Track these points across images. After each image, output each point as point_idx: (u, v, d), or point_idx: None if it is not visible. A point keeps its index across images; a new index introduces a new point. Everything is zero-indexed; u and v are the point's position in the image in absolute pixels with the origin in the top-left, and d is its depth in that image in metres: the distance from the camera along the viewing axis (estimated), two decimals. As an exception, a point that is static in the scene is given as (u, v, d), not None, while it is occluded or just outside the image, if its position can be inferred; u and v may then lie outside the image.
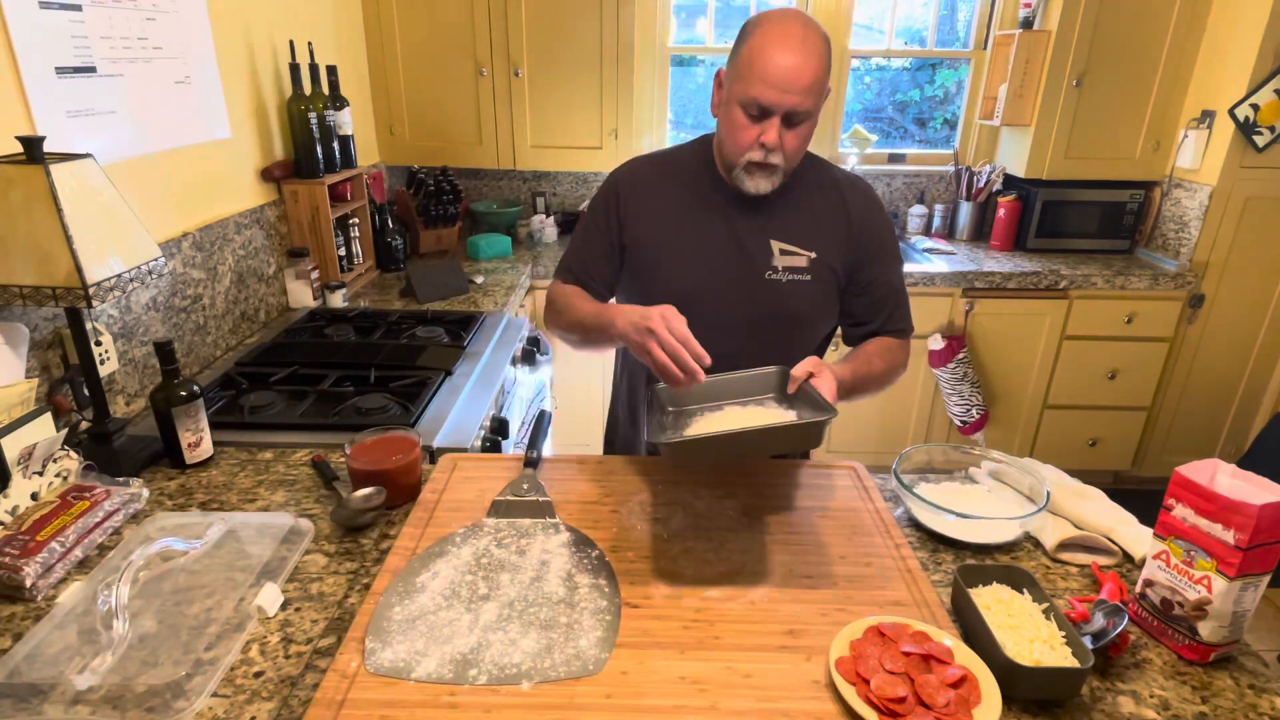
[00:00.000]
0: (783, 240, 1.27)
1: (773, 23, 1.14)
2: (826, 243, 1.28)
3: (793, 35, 1.12)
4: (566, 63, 2.71)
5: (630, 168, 1.35)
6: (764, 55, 1.12)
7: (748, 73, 1.13)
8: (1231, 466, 0.86)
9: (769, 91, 1.12)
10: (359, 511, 1.10)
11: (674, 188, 1.31)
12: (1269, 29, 2.49)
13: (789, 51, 1.11)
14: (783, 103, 1.12)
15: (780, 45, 1.12)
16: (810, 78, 1.12)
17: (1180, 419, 3.00)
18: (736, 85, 1.16)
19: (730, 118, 1.18)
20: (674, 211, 1.29)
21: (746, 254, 1.26)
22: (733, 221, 1.27)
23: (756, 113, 1.15)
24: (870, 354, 1.29)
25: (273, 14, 2.07)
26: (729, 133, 1.20)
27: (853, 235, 1.29)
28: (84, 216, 1.13)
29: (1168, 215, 2.92)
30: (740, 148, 1.18)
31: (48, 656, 0.84)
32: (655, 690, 0.80)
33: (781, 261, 1.26)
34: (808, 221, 1.28)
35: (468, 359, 1.81)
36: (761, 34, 1.14)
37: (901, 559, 1.02)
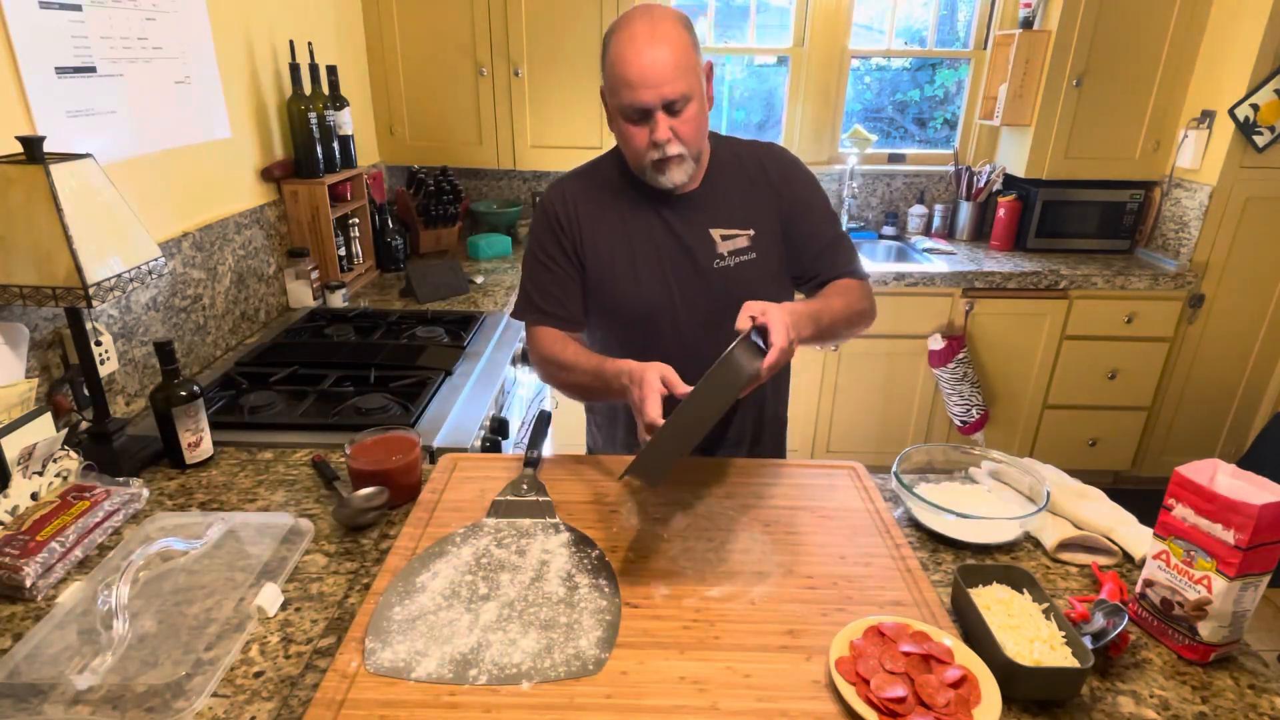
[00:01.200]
0: (720, 226, 1.28)
1: (621, 27, 1.16)
2: (760, 215, 1.29)
3: (639, 33, 1.14)
4: (566, 63, 2.71)
5: (557, 189, 1.33)
6: (621, 62, 1.14)
7: (614, 82, 1.16)
8: (1231, 466, 0.86)
9: (637, 93, 1.14)
10: (361, 511, 1.10)
11: (606, 200, 1.31)
12: (1269, 29, 2.49)
13: (640, 49, 1.13)
14: (654, 98, 1.14)
15: (630, 46, 1.13)
16: (669, 65, 1.13)
17: (1180, 419, 3.00)
18: (611, 98, 1.19)
19: (619, 129, 1.21)
20: (613, 224, 1.29)
21: (690, 250, 1.27)
22: (669, 221, 1.28)
23: (637, 116, 1.17)
24: (827, 293, 1.29)
25: (273, 14, 2.08)
26: (623, 142, 1.22)
27: (779, 197, 1.30)
28: (84, 216, 1.13)
29: (1168, 215, 2.92)
30: (639, 152, 1.20)
31: (48, 656, 0.84)
32: (655, 690, 0.80)
33: (724, 247, 1.28)
34: (737, 201, 1.29)
35: (468, 359, 1.81)
36: (615, 42, 1.16)
37: (901, 559, 1.02)
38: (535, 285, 1.32)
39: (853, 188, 3.19)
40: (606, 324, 1.34)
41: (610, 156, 1.34)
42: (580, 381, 1.23)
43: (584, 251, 1.29)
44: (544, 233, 1.32)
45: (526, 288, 1.34)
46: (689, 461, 1.27)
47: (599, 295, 1.31)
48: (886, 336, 2.81)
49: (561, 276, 1.30)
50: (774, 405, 1.43)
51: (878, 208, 3.29)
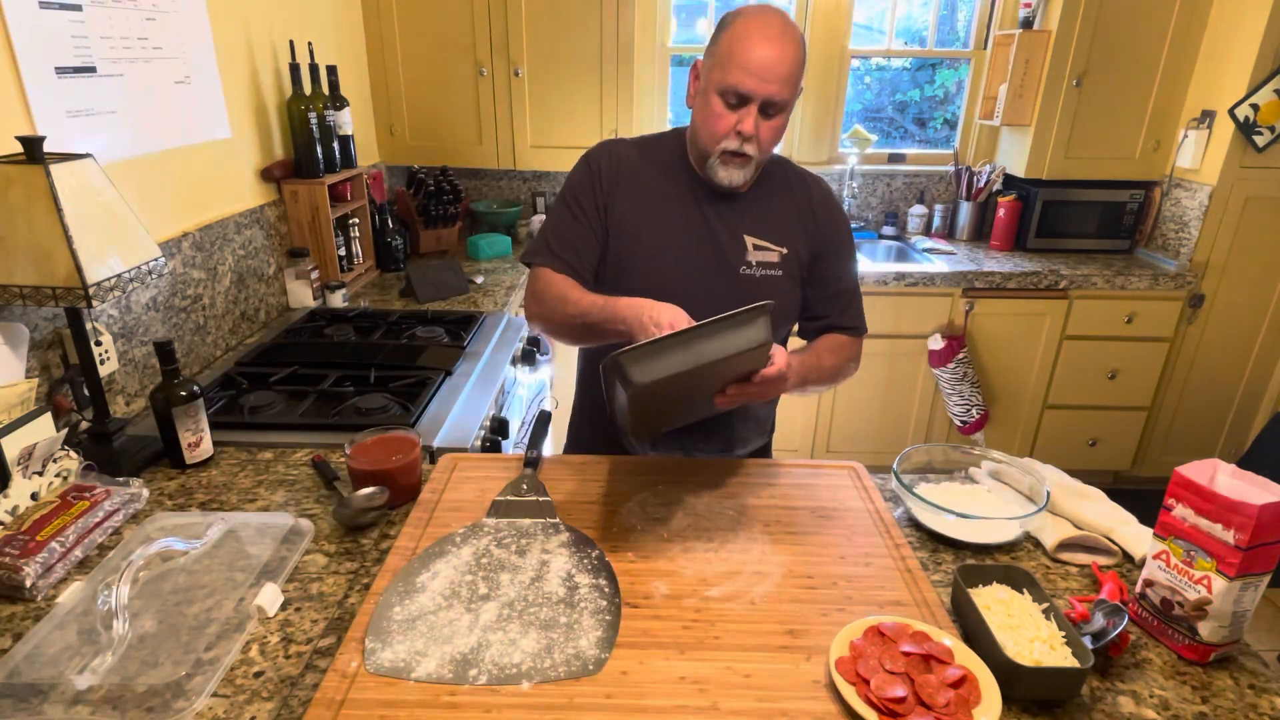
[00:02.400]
0: (755, 235, 1.28)
1: (753, 15, 1.16)
2: (795, 239, 1.30)
3: (772, 26, 1.14)
4: (566, 63, 2.71)
5: (610, 149, 1.32)
6: (744, 44, 1.14)
7: (727, 61, 1.15)
8: (1231, 466, 0.86)
9: (748, 79, 1.13)
10: (361, 510, 1.10)
11: (653, 174, 1.30)
12: (1269, 29, 2.49)
13: (769, 41, 1.13)
14: (761, 91, 1.14)
15: (760, 35, 1.14)
16: (788, 67, 1.14)
17: (1180, 419, 3.00)
18: (715, 73, 1.17)
19: (707, 106, 1.19)
20: (653, 199, 1.28)
21: (721, 248, 1.27)
22: (708, 215, 1.28)
23: (735, 101, 1.16)
24: (820, 349, 1.31)
25: (273, 14, 2.07)
26: (705, 121, 1.20)
27: (816, 230, 1.31)
28: (84, 216, 1.13)
29: (1168, 215, 2.92)
30: (716, 136, 1.19)
31: (48, 656, 0.84)
32: (655, 690, 0.80)
33: (755, 256, 1.28)
34: (778, 218, 1.30)
35: (468, 359, 1.81)
36: (742, 24, 1.16)
37: (901, 559, 1.02)
38: (555, 232, 1.29)
39: (853, 188, 3.19)
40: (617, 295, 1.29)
41: (670, 138, 1.33)
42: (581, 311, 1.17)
43: (612, 216, 1.27)
44: (581, 183, 1.30)
45: (545, 233, 1.31)
46: (689, 461, 1.28)
47: (615, 266, 1.28)
48: (886, 336, 2.81)
49: (585, 230, 1.28)
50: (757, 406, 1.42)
51: (878, 208, 3.29)
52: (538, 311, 1.28)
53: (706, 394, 1.05)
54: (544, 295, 1.25)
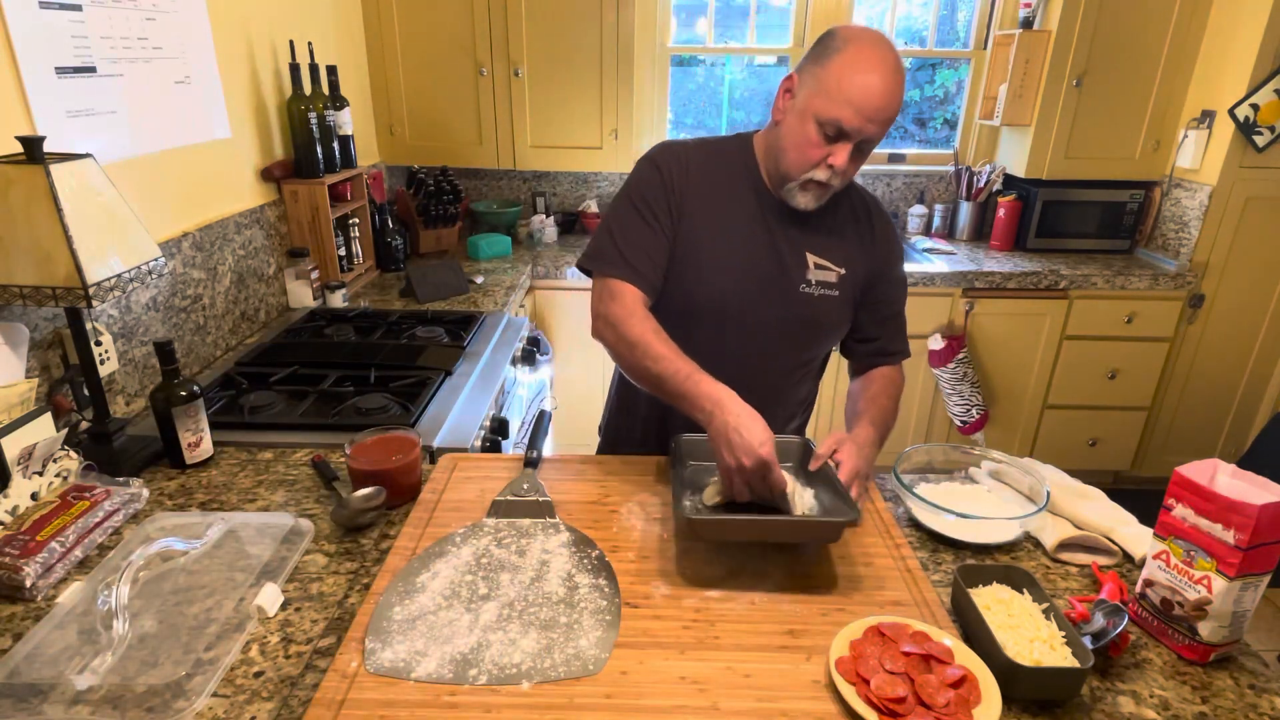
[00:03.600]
0: (818, 255, 1.26)
1: (865, 44, 1.10)
2: (854, 260, 1.28)
3: (886, 62, 1.09)
4: (566, 63, 2.71)
5: (677, 151, 1.26)
6: (855, 78, 1.08)
7: (834, 91, 1.09)
8: (1231, 466, 0.86)
9: (855, 117, 1.09)
10: (360, 511, 1.10)
11: (720, 181, 1.25)
12: (1269, 29, 2.49)
13: (882, 77, 1.08)
14: (864, 130, 1.10)
15: (873, 70, 1.08)
16: (894, 108, 1.11)
17: (1180, 419, 3.00)
18: (817, 100, 1.11)
19: (801, 131, 1.14)
20: (719, 207, 1.24)
21: (784, 264, 1.24)
22: (773, 229, 1.24)
23: (833, 133, 1.11)
24: (877, 395, 1.30)
25: (273, 14, 2.07)
26: (795, 145, 1.15)
27: (875, 253, 1.30)
28: (84, 216, 1.13)
29: (1168, 215, 2.92)
30: (806, 164, 1.15)
31: (48, 656, 0.84)
32: (655, 690, 0.80)
33: (815, 275, 1.25)
34: (840, 238, 1.28)
35: (468, 359, 1.81)
36: (854, 52, 1.09)
37: (901, 559, 1.02)
38: (625, 237, 1.22)
39: (853, 188, 3.18)
40: (674, 302, 1.26)
41: (737, 144, 1.28)
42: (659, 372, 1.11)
43: (682, 221, 1.23)
44: (651, 186, 1.23)
45: (611, 237, 1.22)
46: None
47: (679, 270, 1.24)
48: (886, 336, 2.80)
49: (657, 234, 1.22)
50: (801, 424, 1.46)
51: (878, 208, 3.28)
52: (610, 336, 1.19)
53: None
54: (622, 327, 1.16)
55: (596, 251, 1.24)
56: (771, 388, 1.30)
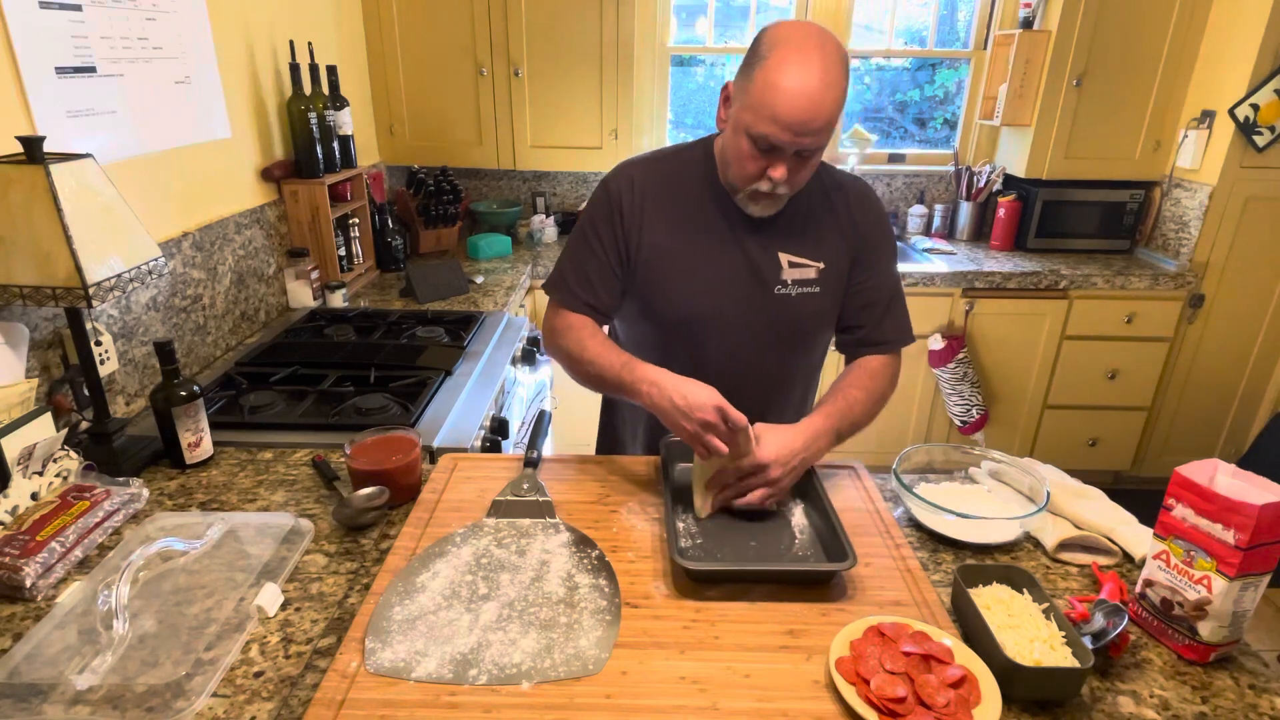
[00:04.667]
0: (791, 253, 1.22)
1: (791, 48, 1.03)
2: (833, 251, 1.24)
3: (812, 67, 1.01)
4: (566, 63, 2.71)
5: (630, 173, 1.24)
6: (779, 91, 1.02)
7: (759, 105, 1.04)
8: (1231, 466, 0.86)
9: (783, 132, 1.04)
10: (361, 511, 1.10)
11: (680, 194, 1.23)
12: (1269, 29, 2.49)
13: (806, 92, 1.01)
14: (796, 144, 1.05)
15: (799, 79, 1.01)
16: (826, 117, 1.04)
17: (1180, 419, 3.00)
18: (745, 115, 1.07)
19: (737, 144, 1.10)
20: (682, 222, 1.22)
21: (756, 269, 1.21)
22: (740, 234, 1.21)
23: (765, 148, 1.07)
24: (847, 385, 1.23)
25: (273, 14, 2.07)
26: (735, 159, 1.12)
27: (855, 238, 1.25)
28: (84, 216, 1.13)
29: (1168, 215, 2.92)
30: (747, 178, 1.12)
31: (48, 656, 0.84)
32: (655, 690, 0.80)
33: (790, 275, 1.22)
34: (814, 230, 1.23)
35: (468, 359, 1.81)
36: (779, 59, 1.02)
37: (901, 559, 1.02)
38: (574, 266, 1.25)
39: (853, 188, 3.18)
40: (648, 323, 1.27)
41: (695, 150, 1.25)
42: (598, 372, 1.18)
43: (640, 244, 1.21)
44: (600, 215, 1.23)
45: (564, 266, 1.27)
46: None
47: (647, 291, 1.23)
48: (886, 336, 2.80)
49: (604, 264, 1.23)
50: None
51: (878, 208, 3.28)
52: (553, 351, 1.27)
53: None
54: (560, 339, 1.24)
55: (550, 279, 1.29)
56: (763, 395, 1.28)
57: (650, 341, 1.28)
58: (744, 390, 1.13)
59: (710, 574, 0.97)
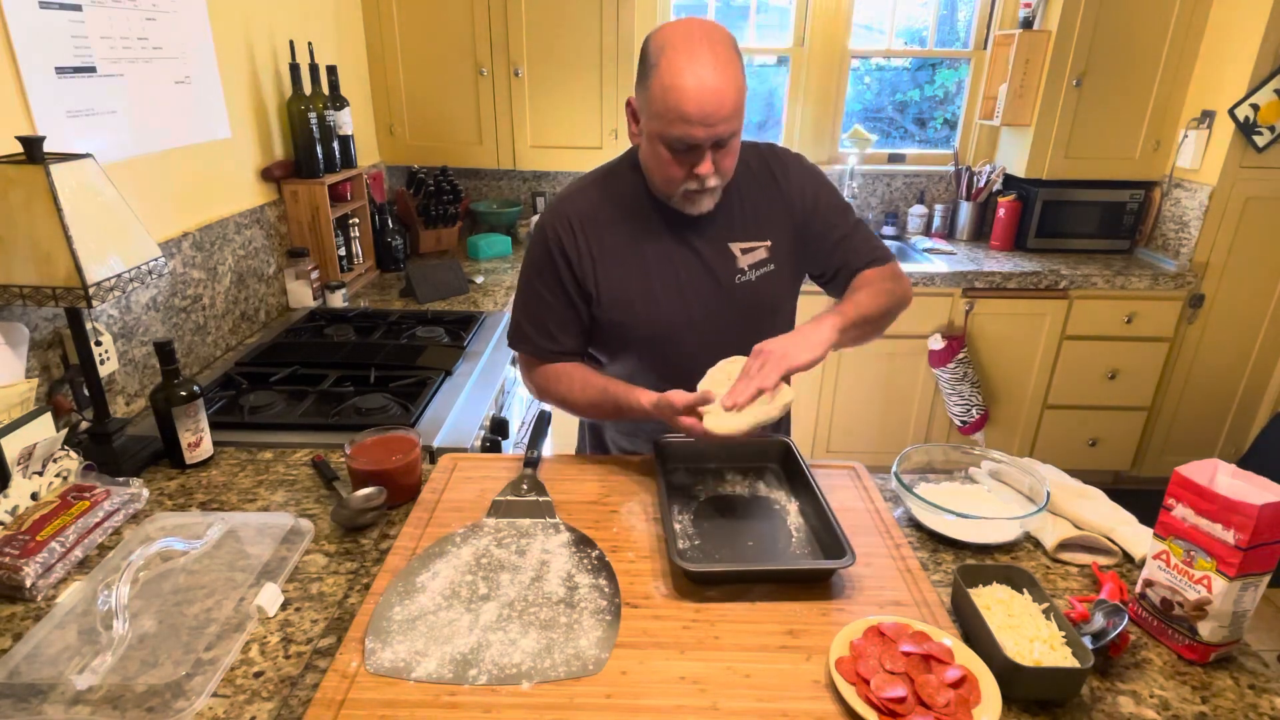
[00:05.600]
0: (739, 239, 1.23)
1: (679, 48, 1.04)
2: (775, 223, 1.24)
3: (701, 62, 1.02)
4: (566, 63, 2.71)
5: (564, 212, 1.22)
6: (678, 91, 1.03)
7: (665, 111, 1.05)
8: (1231, 466, 0.86)
9: (697, 128, 1.04)
10: (360, 511, 1.10)
11: (618, 219, 1.22)
12: (1269, 29, 2.49)
13: (703, 81, 1.02)
14: (714, 134, 1.06)
15: (691, 75, 1.02)
16: (733, 102, 1.04)
17: (1180, 419, 3.00)
18: (654, 124, 1.07)
19: (655, 153, 1.11)
20: (625, 246, 1.21)
21: (712, 268, 1.22)
22: (687, 239, 1.21)
23: (683, 149, 1.08)
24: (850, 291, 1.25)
25: (273, 14, 2.08)
26: (657, 168, 1.12)
27: (790, 201, 1.25)
28: (84, 216, 1.13)
29: (1168, 215, 2.92)
30: (673, 183, 1.12)
31: (48, 656, 0.84)
32: (655, 690, 0.80)
33: (745, 261, 1.23)
34: (753, 210, 1.24)
35: (468, 359, 1.81)
36: (670, 64, 1.03)
37: (901, 559, 1.02)
38: (530, 319, 1.26)
39: (853, 188, 3.19)
40: (623, 347, 1.28)
41: (625, 169, 1.25)
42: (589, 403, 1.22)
43: (596, 281, 1.21)
44: (543, 262, 1.23)
45: (520, 319, 1.27)
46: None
47: (613, 320, 1.24)
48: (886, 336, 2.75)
49: (560, 311, 1.23)
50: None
51: (878, 208, 3.28)
52: (541, 398, 1.31)
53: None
54: (543, 389, 1.28)
55: (511, 332, 1.31)
56: None
57: (630, 361, 1.29)
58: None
59: (710, 575, 0.97)
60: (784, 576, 0.97)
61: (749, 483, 1.19)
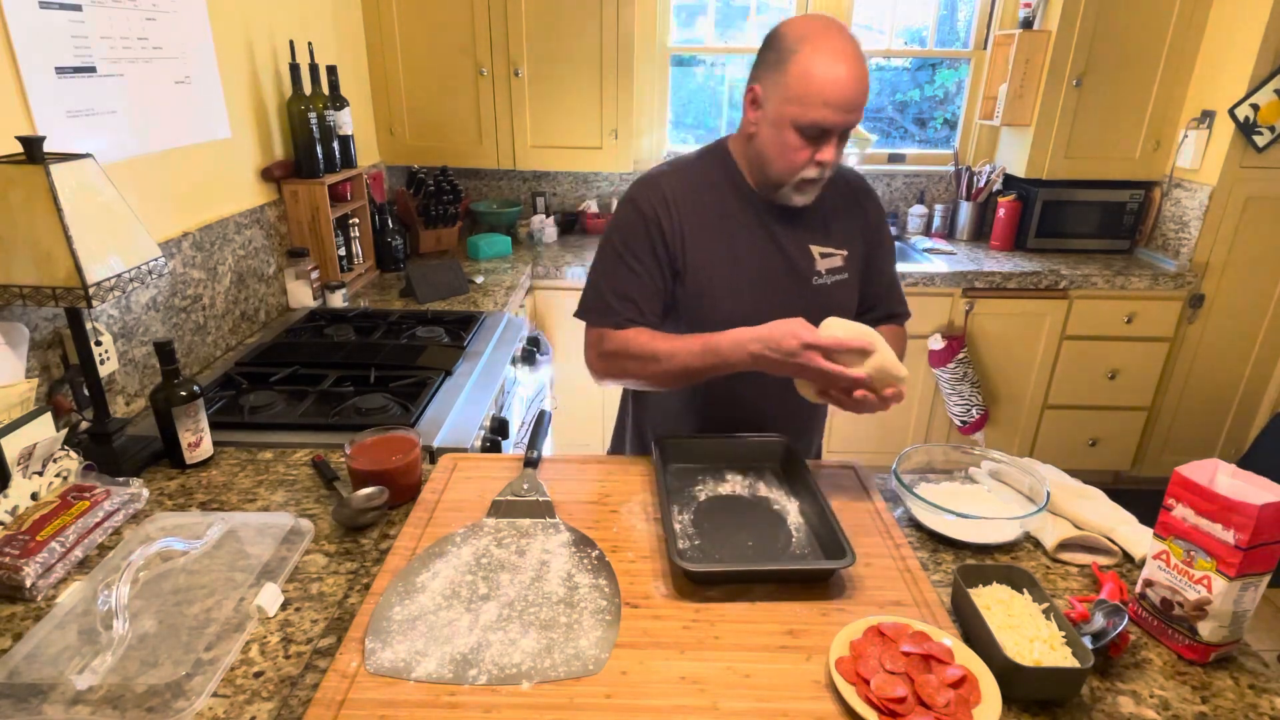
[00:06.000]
0: (821, 244, 1.26)
1: (819, 38, 1.09)
2: (853, 238, 1.30)
3: (844, 50, 1.08)
4: (566, 63, 2.71)
5: (659, 187, 1.23)
6: (822, 77, 1.07)
7: (805, 95, 1.09)
8: (1231, 466, 0.86)
9: (834, 114, 1.09)
10: (361, 511, 1.10)
11: (710, 204, 1.23)
12: (1269, 29, 2.49)
13: (848, 68, 1.08)
14: (845, 122, 1.11)
15: (835, 63, 1.07)
16: (867, 90, 1.11)
17: (1180, 419, 3.00)
18: (790, 108, 1.10)
19: (781, 139, 1.14)
20: (717, 231, 1.23)
21: (793, 265, 1.24)
22: (774, 233, 1.24)
23: (814, 134, 1.11)
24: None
25: (272, 14, 2.07)
26: (780, 154, 1.15)
27: (866, 224, 1.31)
28: (84, 216, 1.13)
29: (1168, 215, 2.92)
30: (795, 168, 1.15)
31: (48, 656, 0.84)
32: (655, 690, 0.80)
33: (823, 265, 1.26)
34: (836, 220, 1.28)
35: (468, 359, 1.81)
36: (811, 51, 1.08)
37: (901, 559, 1.02)
38: (615, 289, 1.23)
39: (853, 188, 3.18)
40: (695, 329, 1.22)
41: (716, 156, 1.26)
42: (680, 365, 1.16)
43: (687, 258, 1.22)
44: (636, 233, 1.22)
45: (602, 288, 1.24)
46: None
47: (693, 305, 1.24)
48: (886, 336, 2.80)
49: (647, 284, 1.22)
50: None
51: (878, 208, 3.28)
52: (615, 371, 1.25)
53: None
54: (623, 356, 1.22)
55: (589, 305, 1.27)
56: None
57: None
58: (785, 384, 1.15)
59: (710, 575, 0.97)
60: (784, 576, 0.97)
61: (749, 483, 1.19)
